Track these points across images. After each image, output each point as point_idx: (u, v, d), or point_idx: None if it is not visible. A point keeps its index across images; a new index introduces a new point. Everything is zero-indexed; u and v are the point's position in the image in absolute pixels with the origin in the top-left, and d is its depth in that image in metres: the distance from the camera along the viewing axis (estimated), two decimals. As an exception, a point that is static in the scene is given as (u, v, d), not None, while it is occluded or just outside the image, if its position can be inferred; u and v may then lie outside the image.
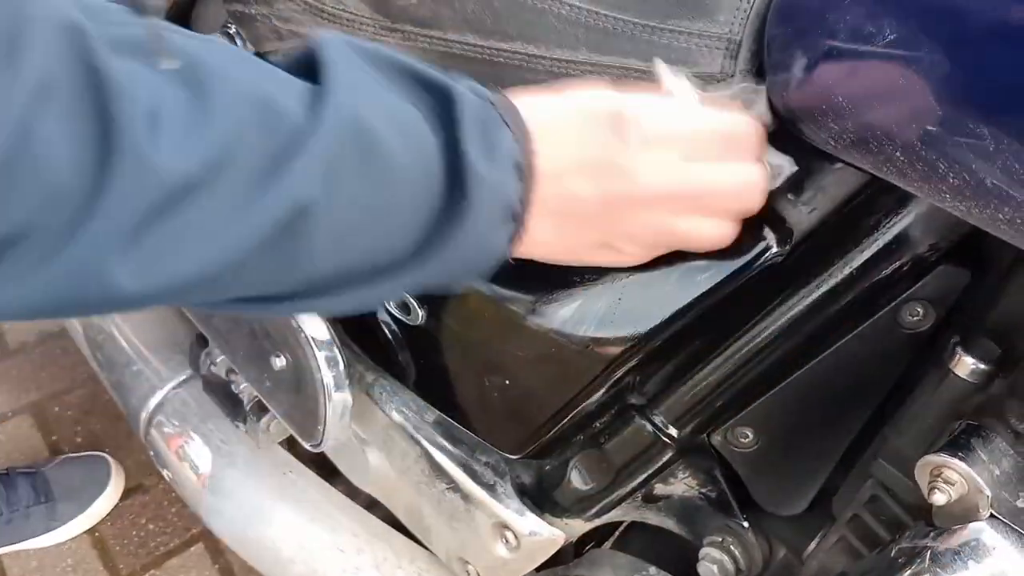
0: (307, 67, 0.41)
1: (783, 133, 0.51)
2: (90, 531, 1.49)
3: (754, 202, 0.51)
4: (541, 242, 0.48)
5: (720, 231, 0.51)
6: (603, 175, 0.47)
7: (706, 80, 0.52)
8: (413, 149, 0.40)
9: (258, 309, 0.43)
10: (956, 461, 0.47)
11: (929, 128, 0.39)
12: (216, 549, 1.47)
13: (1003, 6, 0.36)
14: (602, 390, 0.63)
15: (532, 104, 0.47)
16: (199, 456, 0.94)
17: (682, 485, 0.68)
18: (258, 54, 0.72)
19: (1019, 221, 0.38)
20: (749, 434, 0.63)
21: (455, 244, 0.43)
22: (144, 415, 0.99)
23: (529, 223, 0.46)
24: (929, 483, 0.49)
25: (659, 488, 0.69)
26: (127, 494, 1.54)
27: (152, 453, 1.00)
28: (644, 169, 0.47)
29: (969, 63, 0.37)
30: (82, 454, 1.56)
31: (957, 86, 0.38)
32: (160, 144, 0.33)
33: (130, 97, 0.32)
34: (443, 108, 0.42)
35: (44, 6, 0.31)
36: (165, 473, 1.00)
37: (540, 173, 0.45)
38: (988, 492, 0.47)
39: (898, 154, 0.42)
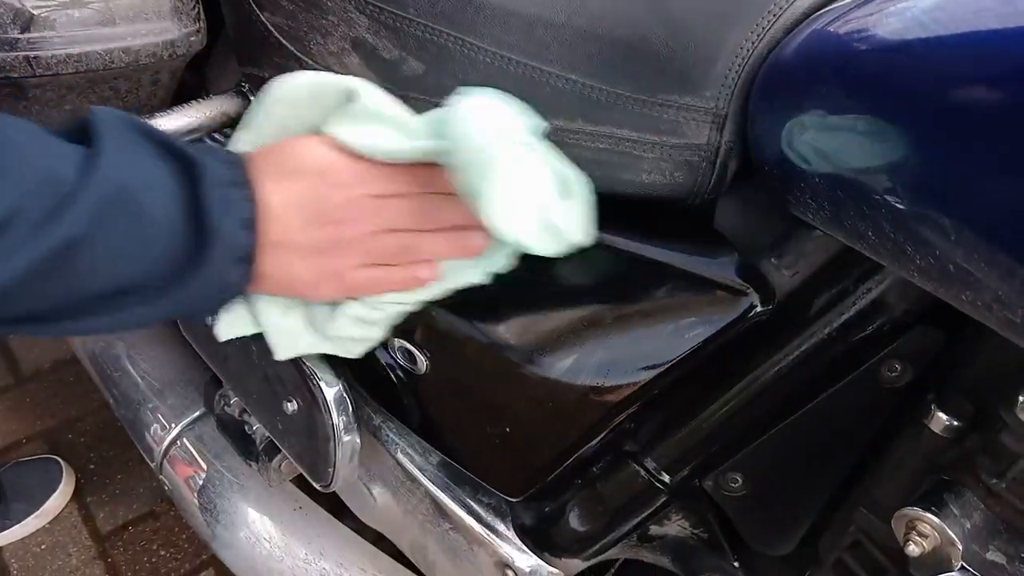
0: (82, 133, 0.50)
1: (767, 198, 0.54)
2: (102, 556, 1.51)
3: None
4: (269, 275, 0.56)
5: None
6: (310, 214, 0.55)
7: (694, 150, 0.55)
8: (162, 204, 0.50)
9: (41, 330, 0.52)
10: (929, 515, 0.50)
11: (896, 214, 0.42)
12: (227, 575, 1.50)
13: (964, 105, 0.39)
14: (598, 437, 0.66)
15: (265, 159, 0.56)
16: (212, 490, 0.96)
17: (676, 526, 0.71)
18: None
19: (980, 304, 0.40)
20: (739, 479, 0.66)
21: (198, 281, 0.52)
22: (158, 450, 1.02)
23: (261, 263, 0.55)
24: (904, 535, 0.51)
25: (654, 529, 0.72)
26: (139, 521, 1.57)
27: (167, 487, 1.03)
28: (340, 211, 0.56)
29: (932, 157, 0.40)
30: (34, 457, 1.60)
31: (921, 177, 0.40)
32: None
33: None
34: (189, 174, 0.51)
35: None
36: (178, 505, 1.02)
37: (264, 217, 0.54)
38: (960, 545, 0.49)
39: (870, 233, 0.45)
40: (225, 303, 0.58)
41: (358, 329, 0.62)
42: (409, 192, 0.57)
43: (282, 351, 0.64)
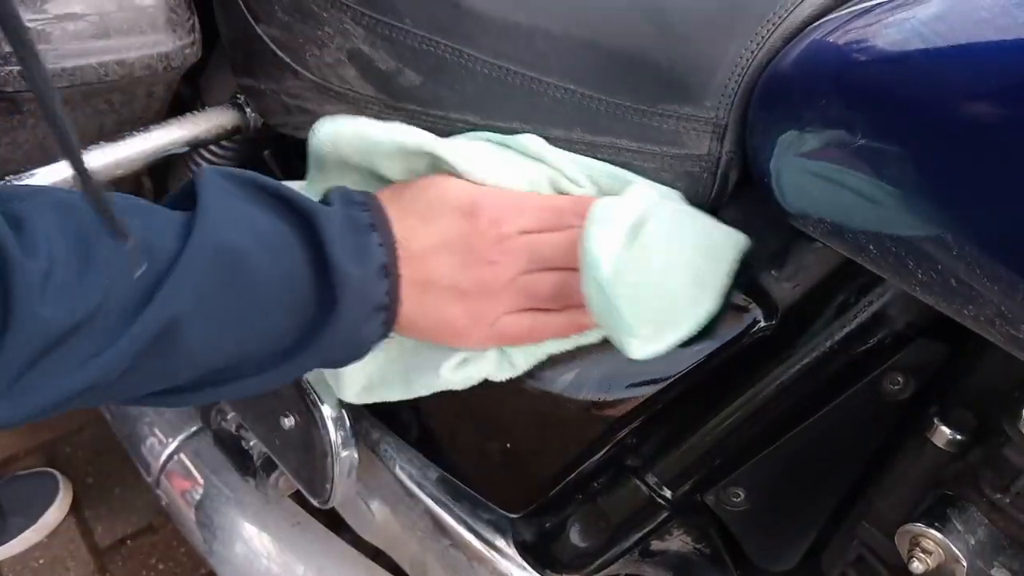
0: (188, 198, 0.46)
1: (767, 209, 0.54)
2: (100, 570, 1.50)
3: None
4: (411, 320, 0.53)
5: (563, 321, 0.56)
6: (459, 255, 0.52)
7: (695, 161, 0.55)
8: (280, 262, 0.46)
9: (165, 402, 0.49)
10: (932, 531, 0.49)
11: (898, 227, 0.42)
12: (225, 590, 1.49)
13: (963, 117, 0.38)
14: (599, 452, 0.65)
15: (397, 199, 0.53)
16: (209, 506, 0.96)
17: (678, 541, 0.70)
18: (267, 126, 0.75)
19: (982, 319, 0.40)
20: (741, 494, 0.65)
21: (330, 338, 0.48)
22: (155, 464, 1.01)
23: (400, 311, 0.52)
24: (908, 551, 0.51)
25: (656, 544, 0.71)
26: (137, 534, 1.56)
27: (164, 502, 1.02)
28: (494, 250, 0.53)
29: (932, 169, 0.40)
30: (31, 471, 1.59)
31: (922, 191, 0.40)
32: (47, 300, 0.39)
33: (24, 268, 0.38)
34: (309, 225, 0.47)
35: None
36: (176, 520, 1.02)
37: (405, 261, 0.51)
38: (964, 562, 0.49)
39: (871, 247, 0.44)
40: (366, 352, 0.54)
41: (495, 372, 0.59)
42: (562, 224, 0.54)
43: (352, 396, 0.62)
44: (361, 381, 0.62)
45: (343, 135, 0.55)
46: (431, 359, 0.59)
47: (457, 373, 0.58)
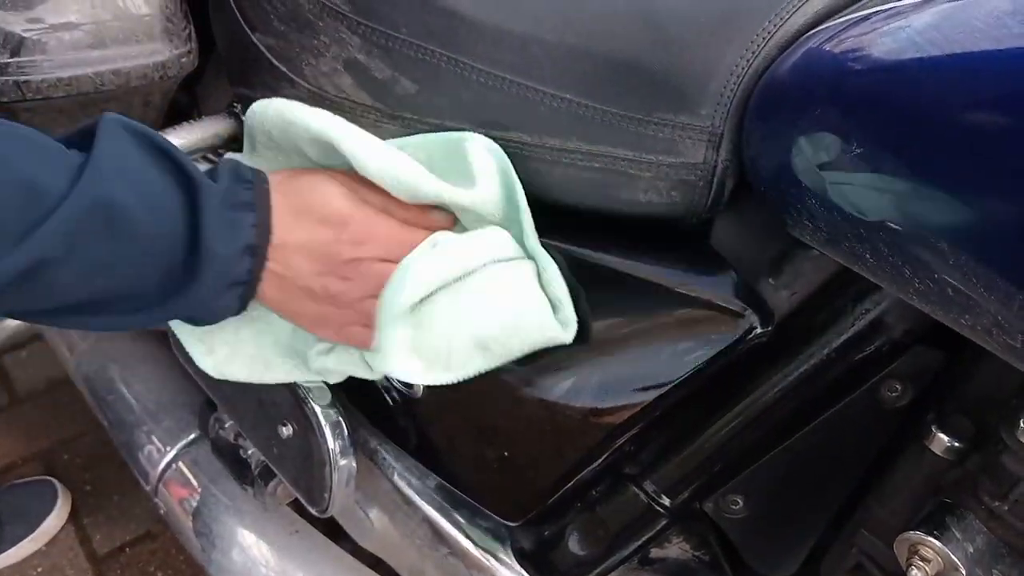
0: (87, 140, 0.48)
1: (764, 218, 0.54)
2: (100, 580, 1.50)
3: None
4: (270, 300, 0.56)
5: None
6: (318, 261, 0.55)
7: (691, 169, 0.55)
8: (157, 223, 0.48)
9: (36, 320, 0.51)
10: (931, 539, 0.49)
11: (894, 237, 0.42)
12: (224, 597, 1.48)
13: (957, 126, 0.38)
14: (597, 460, 0.65)
15: (285, 187, 0.55)
16: (207, 514, 0.95)
17: (677, 549, 0.70)
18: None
19: (979, 328, 0.40)
20: (739, 501, 0.65)
21: (188, 300, 0.51)
22: (154, 473, 1.01)
23: (259, 288, 0.54)
24: (907, 559, 0.51)
25: (654, 552, 0.71)
26: (136, 542, 1.56)
27: (162, 510, 1.02)
28: (348, 268, 0.55)
29: (927, 178, 0.40)
30: (29, 479, 1.58)
31: (917, 202, 0.40)
32: None
33: None
34: (191, 194, 0.50)
35: None
36: (174, 529, 1.02)
37: (273, 249, 0.53)
38: (963, 570, 0.49)
39: (868, 256, 0.44)
40: (222, 318, 0.57)
41: (349, 368, 0.62)
42: None
43: (211, 367, 0.64)
44: (223, 351, 0.64)
45: (268, 115, 0.58)
46: (296, 344, 0.63)
47: (319, 360, 0.61)
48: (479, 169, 0.57)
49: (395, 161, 0.56)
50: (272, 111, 0.58)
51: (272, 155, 0.62)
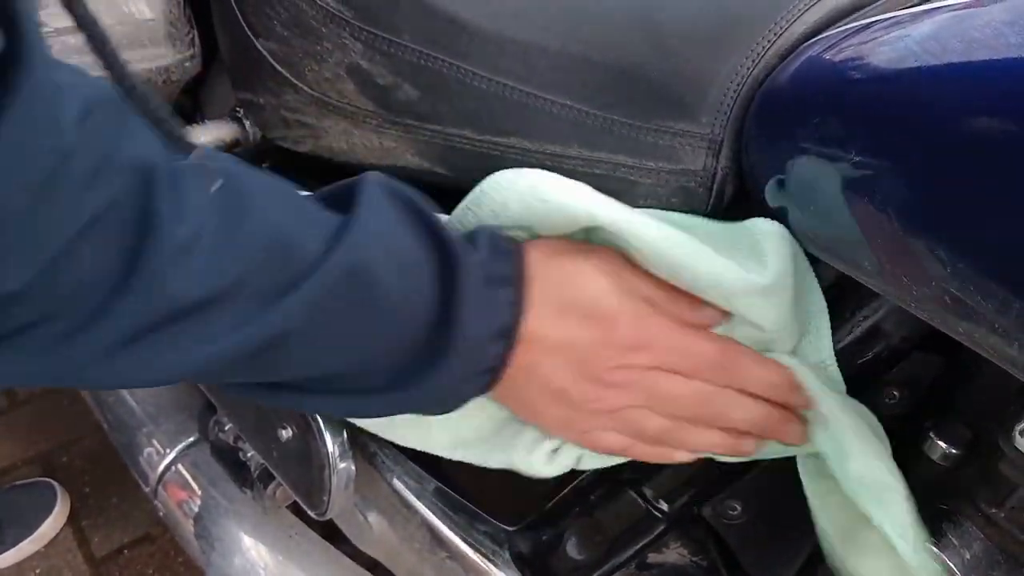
0: (345, 200, 0.44)
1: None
2: (98, 582, 1.51)
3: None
4: (504, 393, 0.51)
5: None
6: (578, 363, 0.49)
7: (690, 176, 0.55)
8: (408, 297, 0.44)
9: (249, 394, 0.47)
10: (928, 546, 0.50)
11: (892, 244, 0.42)
12: (222, 600, 1.48)
13: (957, 135, 0.39)
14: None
15: (544, 268, 0.49)
16: (206, 517, 0.96)
17: (675, 554, 0.70)
18: (265, 139, 0.75)
19: (976, 336, 0.40)
20: (738, 507, 0.65)
21: (427, 386, 0.46)
22: (153, 475, 1.01)
23: (503, 378, 0.49)
24: (904, 565, 0.51)
25: (652, 557, 0.71)
26: (134, 544, 1.56)
27: (162, 512, 1.02)
28: (615, 374, 0.50)
29: (925, 187, 0.40)
30: (29, 480, 1.59)
31: (915, 208, 0.40)
32: (179, 274, 0.37)
33: (166, 235, 0.37)
34: (449, 264, 0.45)
35: (132, 148, 0.37)
36: (173, 531, 1.02)
37: (526, 343, 0.48)
38: (959, 576, 0.49)
39: (866, 263, 0.45)
40: (454, 408, 0.50)
41: (590, 464, 0.58)
42: (697, 373, 0.51)
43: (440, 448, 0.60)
44: (447, 437, 0.60)
45: (519, 186, 0.52)
46: (517, 438, 0.57)
47: (546, 464, 0.57)
48: (771, 252, 0.50)
49: (674, 240, 0.50)
50: (524, 184, 0.52)
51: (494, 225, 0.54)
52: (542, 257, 0.50)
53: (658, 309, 0.50)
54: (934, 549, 0.48)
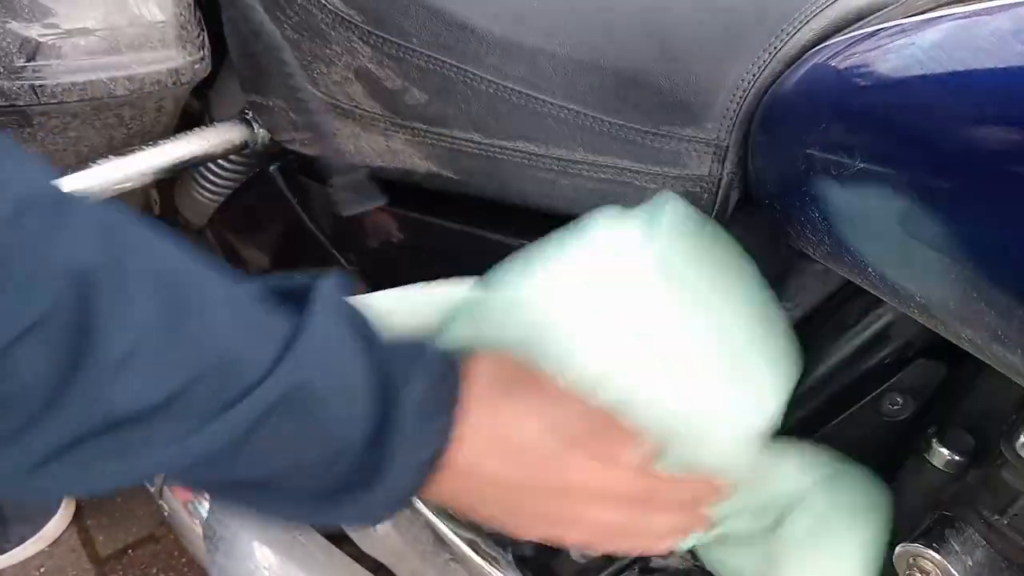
0: (296, 300, 0.43)
1: (768, 230, 0.54)
2: (102, 582, 1.51)
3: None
4: (438, 495, 0.49)
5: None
6: (504, 504, 0.49)
7: (696, 181, 0.55)
8: (345, 420, 0.43)
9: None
10: (930, 552, 0.49)
11: (896, 251, 0.42)
12: (226, 601, 1.48)
13: (960, 144, 0.39)
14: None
15: (482, 405, 0.48)
16: (212, 518, 0.96)
17: (677, 558, 0.71)
18: (274, 141, 0.76)
19: (979, 343, 0.40)
20: (739, 511, 0.65)
21: (360, 502, 0.45)
22: (158, 477, 1.01)
23: (433, 493, 0.48)
24: (906, 571, 0.51)
25: (655, 560, 0.71)
26: (139, 544, 1.56)
27: (167, 512, 1.02)
28: (536, 515, 0.50)
29: (929, 195, 0.40)
30: None
31: (919, 215, 0.40)
32: (117, 387, 0.36)
33: (103, 347, 0.35)
34: (387, 400, 0.44)
35: (69, 249, 0.35)
36: (178, 531, 1.02)
37: (451, 469, 0.47)
38: (961, 582, 0.49)
39: (869, 269, 0.45)
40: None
41: None
42: (617, 509, 0.51)
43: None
44: None
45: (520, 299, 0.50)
46: None
47: None
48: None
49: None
50: (526, 305, 0.49)
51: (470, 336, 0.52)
52: (485, 383, 0.48)
53: (586, 450, 0.49)
54: None
